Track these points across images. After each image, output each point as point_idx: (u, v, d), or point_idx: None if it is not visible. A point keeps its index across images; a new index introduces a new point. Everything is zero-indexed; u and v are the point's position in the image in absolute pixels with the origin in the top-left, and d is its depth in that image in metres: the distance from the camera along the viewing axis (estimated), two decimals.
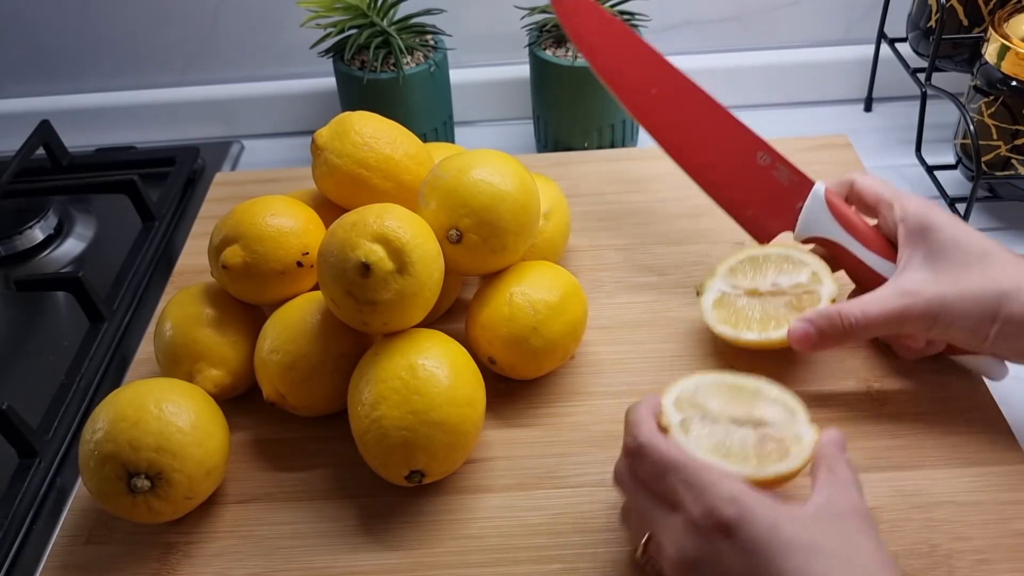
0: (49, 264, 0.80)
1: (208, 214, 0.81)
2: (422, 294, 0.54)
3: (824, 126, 0.91)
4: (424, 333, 0.56)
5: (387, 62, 0.82)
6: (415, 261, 0.53)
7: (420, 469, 0.52)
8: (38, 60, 0.96)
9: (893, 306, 0.53)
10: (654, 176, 0.79)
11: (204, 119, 0.97)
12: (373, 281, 0.52)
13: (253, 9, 0.92)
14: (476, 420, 0.54)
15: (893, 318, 0.53)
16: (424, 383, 0.52)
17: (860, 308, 0.53)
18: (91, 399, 0.66)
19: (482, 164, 0.59)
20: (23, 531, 0.58)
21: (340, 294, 0.53)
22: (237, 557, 0.53)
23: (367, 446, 0.52)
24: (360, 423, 0.52)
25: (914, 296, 0.52)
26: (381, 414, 0.51)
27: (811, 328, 0.54)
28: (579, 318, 0.60)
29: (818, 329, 0.54)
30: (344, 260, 0.52)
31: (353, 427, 0.53)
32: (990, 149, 0.72)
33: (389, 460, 0.52)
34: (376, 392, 0.52)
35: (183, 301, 0.61)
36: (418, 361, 0.53)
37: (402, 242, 0.53)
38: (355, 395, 0.53)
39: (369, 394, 0.52)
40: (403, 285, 0.53)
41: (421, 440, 0.51)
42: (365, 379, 0.53)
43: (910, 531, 0.51)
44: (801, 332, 0.55)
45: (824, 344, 0.55)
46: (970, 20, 0.76)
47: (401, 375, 0.52)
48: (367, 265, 0.51)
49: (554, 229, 0.66)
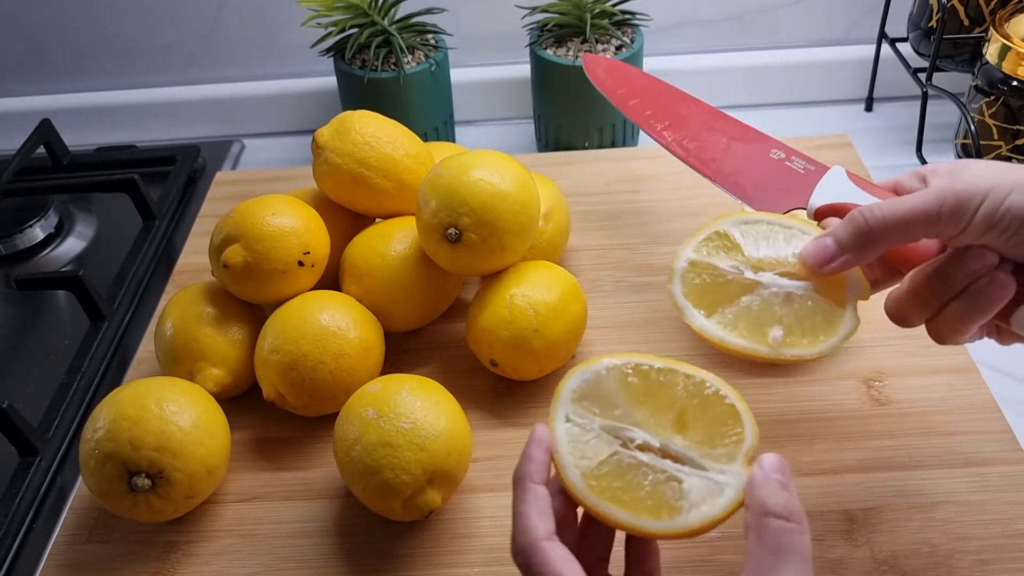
0: (50, 263, 0.80)
1: (209, 213, 0.81)
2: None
3: (825, 126, 0.91)
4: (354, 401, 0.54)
5: (388, 61, 0.82)
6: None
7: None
8: (39, 59, 0.96)
9: (930, 198, 0.42)
10: (654, 176, 0.79)
11: (205, 118, 0.97)
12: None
13: (254, 8, 0.92)
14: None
15: (919, 213, 0.42)
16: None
17: (890, 204, 0.43)
18: (91, 398, 0.66)
19: (482, 164, 0.59)
20: (23, 530, 0.58)
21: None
22: (237, 556, 0.53)
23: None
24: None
25: (945, 191, 0.42)
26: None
27: (829, 240, 0.45)
28: (579, 318, 0.60)
29: (837, 239, 0.45)
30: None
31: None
32: (991, 149, 0.72)
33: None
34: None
35: (184, 300, 0.61)
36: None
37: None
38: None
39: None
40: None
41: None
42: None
43: (910, 531, 0.51)
44: (818, 247, 0.45)
45: (844, 255, 0.45)
46: (971, 20, 0.76)
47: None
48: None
49: (554, 229, 0.66)
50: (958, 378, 0.59)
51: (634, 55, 0.81)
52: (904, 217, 0.43)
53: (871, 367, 0.61)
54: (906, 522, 0.52)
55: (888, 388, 0.59)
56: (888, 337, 0.62)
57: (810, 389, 0.60)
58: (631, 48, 0.82)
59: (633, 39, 0.83)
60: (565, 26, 0.83)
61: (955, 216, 0.42)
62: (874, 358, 0.61)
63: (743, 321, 0.46)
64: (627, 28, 0.84)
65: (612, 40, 0.82)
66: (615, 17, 0.83)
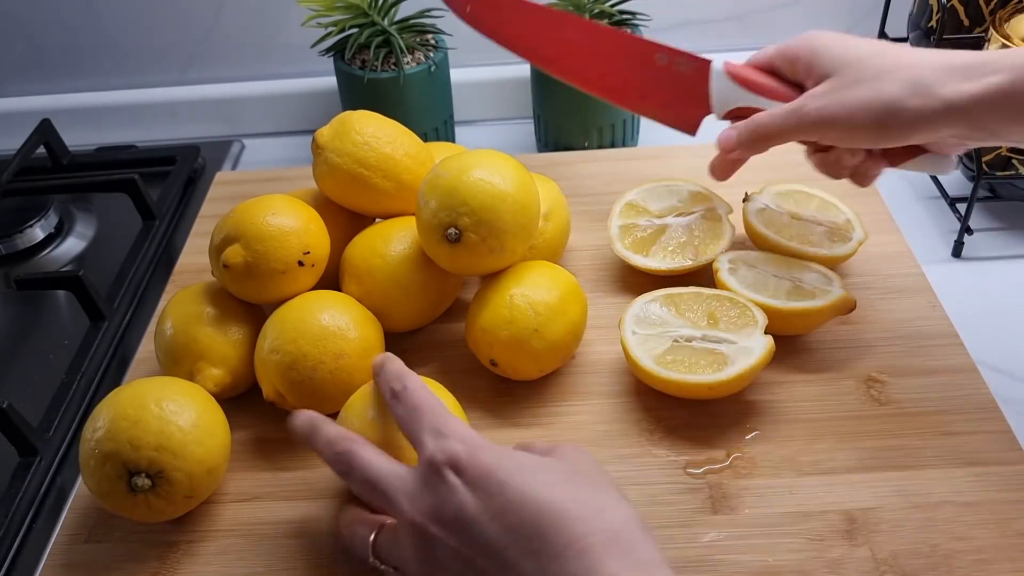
0: (49, 263, 0.80)
1: (209, 213, 0.81)
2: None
3: None
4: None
5: (388, 61, 0.82)
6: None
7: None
8: (39, 59, 0.96)
9: (784, 122, 0.56)
10: (654, 176, 0.78)
11: (205, 118, 0.97)
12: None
13: (254, 8, 0.92)
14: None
15: (787, 130, 0.57)
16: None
17: (761, 119, 0.58)
18: (91, 398, 0.66)
19: (482, 164, 0.59)
20: (23, 530, 0.58)
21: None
22: (237, 556, 0.53)
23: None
24: None
25: (798, 113, 0.56)
26: None
27: (733, 134, 0.60)
28: (579, 318, 0.60)
29: (739, 138, 0.59)
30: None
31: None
32: (991, 149, 0.72)
33: None
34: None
35: (184, 300, 0.61)
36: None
37: None
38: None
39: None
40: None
41: None
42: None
43: (910, 531, 0.51)
44: (726, 138, 0.60)
45: (741, 148, 0.60)
46: (971, 20, 0.76)
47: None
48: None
49: (554, 229, 0.66)
50: (958, 378, 0.59)
51: None
52: (771, 132, 0.57)
53: (871, 367, 0.61)
54: (906, 522, 0.52)
55: (888, 388, 0.59)
56: (888, 337, 0.63)
57: (810, 389, 0.60)
58: None
59: None
60: None
61: (812, 133, 0.56)
62: (874, 358, 0.61)
63: (665, 251, 0.67)
64: (627, 28, 0.84)
65: None
66: (614, 17, 0.83)
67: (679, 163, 0.80)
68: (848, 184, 0.60)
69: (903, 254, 0.69)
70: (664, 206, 0.70)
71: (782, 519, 0.52)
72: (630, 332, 0.59)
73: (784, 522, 0.52)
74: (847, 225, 0.67)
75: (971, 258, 0.73)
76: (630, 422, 0.59)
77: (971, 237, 0.74)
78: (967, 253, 0.73)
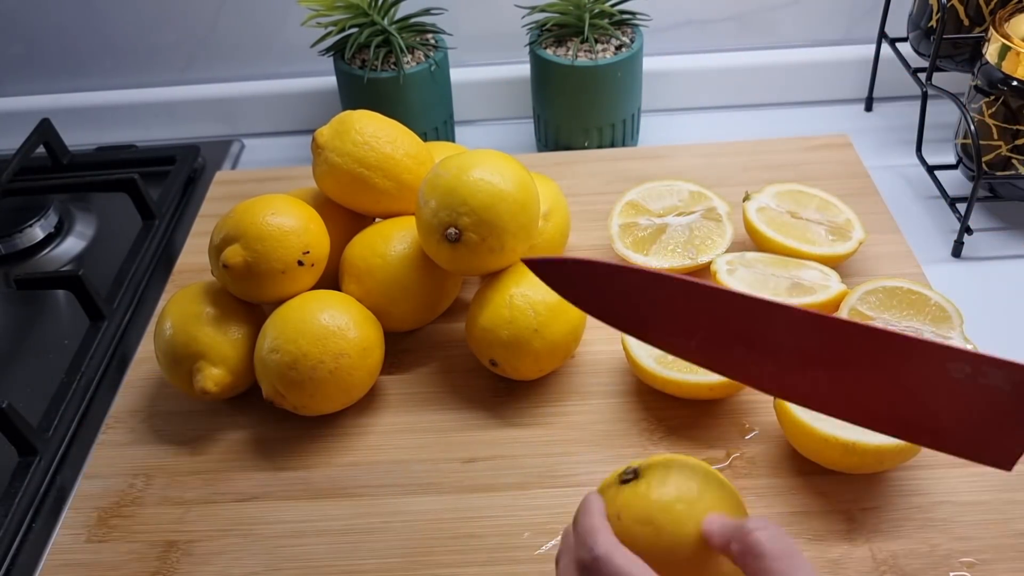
0: (49, 262, 0.80)
1: (208, 213, 0.81)
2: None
3: (824, 126, 0.91)
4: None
5: (388, 61, 0.82)
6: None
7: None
8: (38, 58, 0.96)
9: None
10: (654, 176, 0.78)
11: (205, 118, 0.97)
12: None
13: (254, 8, 0.92)
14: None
15: None
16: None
17: None
18: (91, 398, 0.66)
19: (482, 164, 0.58)
20: (23, 529, 0.58)
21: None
22: (237, 555, 0.53)
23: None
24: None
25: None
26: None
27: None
28: (579, 318, 0.60)
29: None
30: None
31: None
32: (991, 149, 0.72)
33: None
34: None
35: (183, 300, 0.61)
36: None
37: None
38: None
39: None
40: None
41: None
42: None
43: (910, 531, 0.51)
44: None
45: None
46: (971, 20, 0.76)
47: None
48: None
49: (554, 229, 0.66)
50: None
51: (633, 55, 0.81)
52: None
53: None
54: (906, 522, 0.52)
55: None
56: None
57: None
58: (630, 48, 0.82)
59: (633, 39, 0.83)
60: (565, 26, 0.83)
61: None
62: None
63: (665, 250, 0.68)
64: (626, 28, 0.84)
65: (611, 40, 0.82)
66: (614, 17, 0.83)
67: (679, 163, 0.81)
68: (847, 184, 0.60)
69: (903, 254, 0.70)
70: (664, 206, 0.71)
71: (782, 519, 0.52)
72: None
73: (784, 522, 0.52)
74: (847, 224, 0.68)
75: (971, 258, 0.73)
76: (630, 422, 0.59)
77: (971, 237, 0.74)
78: (967, 253, 0.73)
